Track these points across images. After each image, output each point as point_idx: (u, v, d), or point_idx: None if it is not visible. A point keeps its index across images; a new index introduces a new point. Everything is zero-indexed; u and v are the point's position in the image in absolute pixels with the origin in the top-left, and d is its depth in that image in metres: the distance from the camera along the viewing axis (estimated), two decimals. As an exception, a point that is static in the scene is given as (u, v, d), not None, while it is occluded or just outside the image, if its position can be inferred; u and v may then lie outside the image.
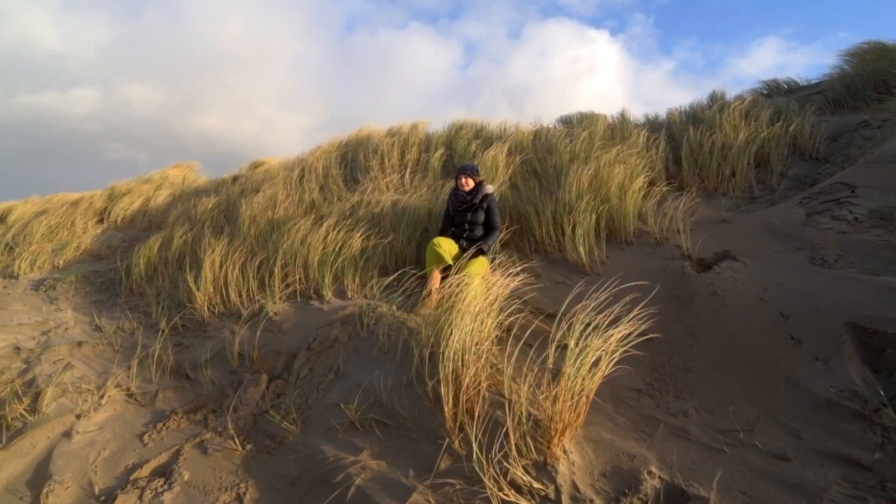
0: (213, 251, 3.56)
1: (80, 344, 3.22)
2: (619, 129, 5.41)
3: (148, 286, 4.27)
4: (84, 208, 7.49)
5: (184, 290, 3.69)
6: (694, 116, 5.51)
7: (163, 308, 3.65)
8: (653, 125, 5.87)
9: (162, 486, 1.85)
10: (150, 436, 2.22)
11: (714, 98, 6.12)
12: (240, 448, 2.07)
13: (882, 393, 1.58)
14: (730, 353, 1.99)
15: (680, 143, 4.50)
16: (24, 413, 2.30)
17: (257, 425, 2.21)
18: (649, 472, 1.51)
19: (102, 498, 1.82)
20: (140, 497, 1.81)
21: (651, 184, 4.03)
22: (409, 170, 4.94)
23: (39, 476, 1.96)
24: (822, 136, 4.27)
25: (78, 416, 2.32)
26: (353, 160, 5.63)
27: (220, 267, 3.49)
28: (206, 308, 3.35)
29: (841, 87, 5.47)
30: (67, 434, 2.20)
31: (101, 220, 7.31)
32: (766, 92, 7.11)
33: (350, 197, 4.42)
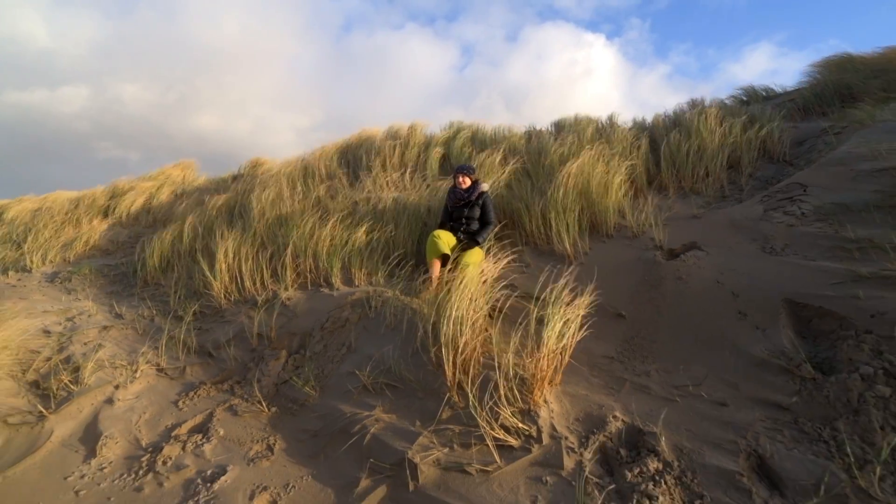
0: (227, 243, 3.84)
1: (106, 328, 3.49)
2: (607, 133, 5.77)
3: (162, 277, 4.53)
4: (87, 205, 7.69)
5: (199, 279, 3.97)
6: (676, 121, 5.89)
7: (180, 296, 3.92)
8: (640, 128, 6.25)
9: (201, 440, 2.15)
10: (183, 402, 2.51)
11: (694, 104, 6.51)
12: (266, 410, 2.37)
13: (803, 353, 1.92)
14: (688, 326, 2.33)
15: (661, 146, 4.87)
16: (68, 384, 2.58)
17: (279, 392, 2.51)
18: (614, 417, 1.84)
19: (150, 449, 2.11)
20: (183, 448, 2.10)
21: (632, 183, 4.39)
22: (408, 169, 5.25)
23: (90, 434, 2.24)
24: (789, 141, 4.65)
25: (116, 387, 2.60)
26: (355, 160, 5.93)
27: (234, 257, 3.78)
28: (222, 295, 3.63)
29: (810, 95, 5.88)
30: (109, 401, 2.48)
31: (105, 217, 7.52)
32: (745, 98, 7.53)
33: (353, 194, 4.72)
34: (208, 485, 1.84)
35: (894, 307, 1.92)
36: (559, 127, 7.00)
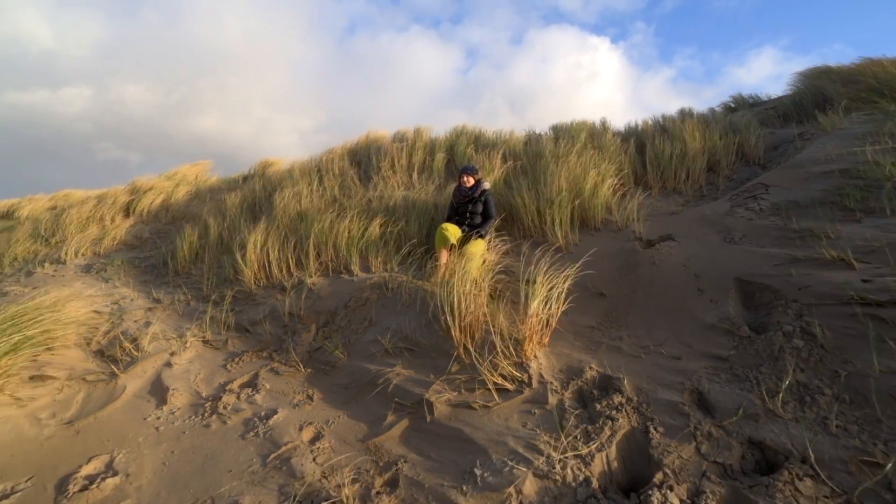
0: (255, 235, 4.29)
1: (150, 309, 3.95)
2: (599, 137, 6.23)
3: (192, 267, 4.98)
4: (110, 203, 8.14)
5: (229, 268, 4.43)
6: (664, 127, 6.35)
7: (211, 284, 4.37)
8: (632, 133, 6.71)
9: (251, 392, 2.59)
10: (230, 366, 2.96)
11: (683, 113, 6.97)
12: (302, 370, 2.82)
13: (744, 319, 2.37)
14: (657, 301, 2.78)
15: (646, 149, 5.32)
16: (130, 351, 3.03)
17: (312, 357, 2.96)
18: (590, 368, 2.29)
19: (210, 399, 2.56)
20: (237, 397, 2.55)
21: (621, 183, 4.84)
22: (416, 170, 5.71)
23: (157, 388, 2.69)
24: (763, 146, 5.12)
25: (171, 354, 3.05)
26: (365, 161, 6.39)
27: (262, 248, 4.23)
28: (252, 282, 4.08)
29: (790, 103, 6.36)
30: (168, 364, 2.93)
31: (126, 215, 7.97)
32: (733, 105, 8.02)
33: (366, 193, 5.18)
34: (264, 421, 2.29)
35: (817, 281, 2.37)
36: (557, 131, 7.46)
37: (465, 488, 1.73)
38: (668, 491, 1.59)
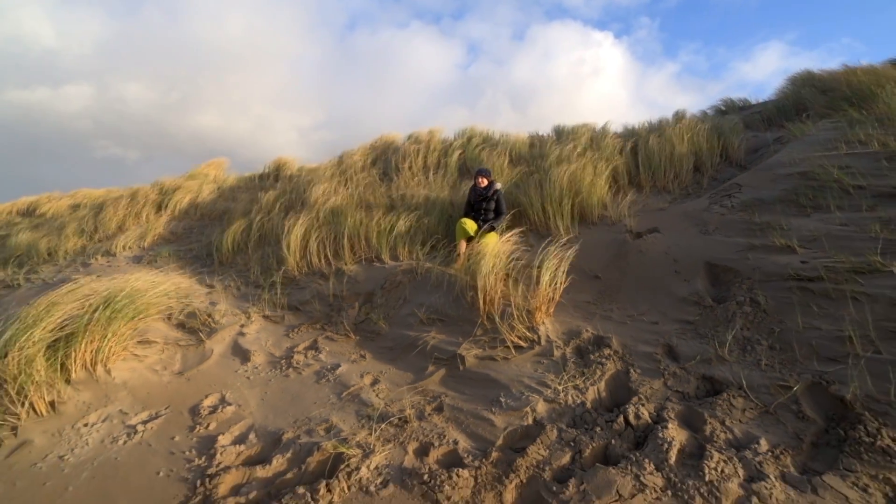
0: (296, 229, 4.92)
1: (209, 292, 4.59)
2: (598, 139, 6.82)
3: (235, 258, 5.62)
4: (142, 202, 8.75)
5: (272, 257, 5.07)
6: (659, 129, 6.94)
7: (257, 272, 5.01)
8: (630, 134, 7.29)
9: (315, 353, 3.24)
10: (291, 335, 3.61)
11: (677, 116, 7.55)
12: (352, 337, 3.47)
13: (709, 293, 3.00)
14: (642, 281, 3.41)
15: (640, 151, 5.92)
16: (209, 323, 3.67)
17: (358, 328, 3.60)
18: (586, 331, 2.93)
19: (283, 358, 3.21)
20: (305, 356, 3.19)
21: (616, 182, 5.45)
22: (432, 171, 6.33)
23: (237, 350, 3.33)
24: (744, 149, 5.72)
25: (242, 325, 3.70)
26: (384, 162, 7.01)
27: (303, 239, 4.86)
28: (295, 269, 4.72)
29: (773, 108, 6.94)
30: (241, 334, 3.57)
31: (158, 212, 8.59)
32: (724, 109, 8.60)
33: (388, 191, 5.80)
34: (332, 372, 2.94)
35: (767, 263, 2.99)
36: (559, 132, 8.07)
37: (493, 410, 2.38)
38: (640, 407, 2.22)
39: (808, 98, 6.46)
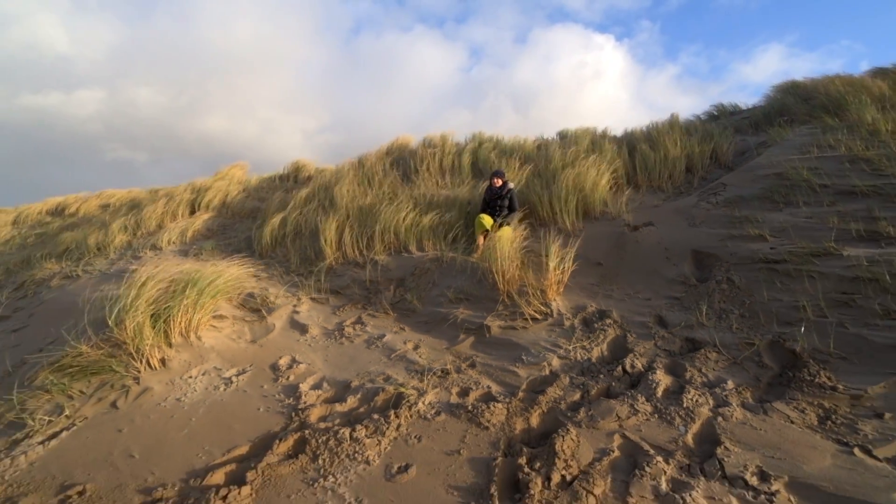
0: (331, 223, 5.52)
1: (258, 279, 5.19)
2: (599, 143, 7.41)
3: (274, 250, 6.22)
4: (177, 202, 9.36)
5: (310, 248, 5.66)
6: (651, 134, 7.52)
7: (296, 262, 5.60)
8: (628, 138, 7.88)
9: (362, 326, 3.83)
10: (338, 313, 4.20)
11: (671, 121, 8.14)
12: (391, 314, 4.06)
13: (693, 275, 3.59)
14: (638, 266, 4.00)
15: (637, 153, 6.51)
16: (267, 303, 4.27)
17: (395, 307, 4.20)
18: (591, 306, 3.52)
19: (335, 330, 3.80)
20: (353, 328, 3.79)
21: (615, 182, 6.04)
22: (447, 172, 6.93)
23: (295, 325, 3.93)
24: (732, 152, 6.30)
25: (295, 305, 4.30)
26: (402, 164, 7.62)
27: (338, 232, 5.46)
28: (332, 259, 5.32)
29: (760, 114, 7.52)
30: (296, 311, 4.17)
31: (192, 211, 9.21)
32: (716, 113, 9.17)
33: (410, 191, 6.40)
34: (379, 340, 3.53)
35: (742, 250, 3.58)
36: (563, 136, 8.66)
37: (517, 365, 2.97)
38: (635, 360, 2.82)
39: (791, 105, 7.04)
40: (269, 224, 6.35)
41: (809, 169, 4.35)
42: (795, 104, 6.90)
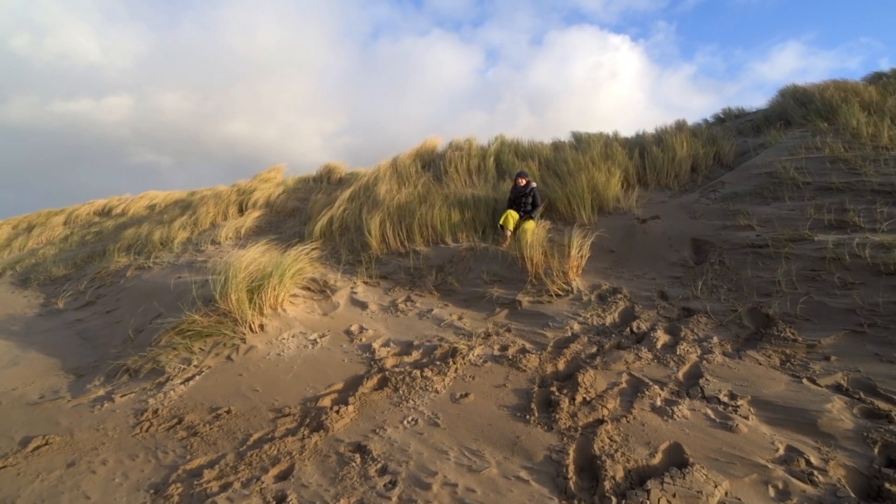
0: (375, 218, 6.31)
1: (314, 266, 6.00)
2: (611, 146, 8.06)
3: (325, 243, 7.03)
4: (226, 202, 10.27)
5: (356, 241, 6.46)
6: (660, 137, 8.14)
7: (345, 253, 6.41)
8: (639, 140, 8.51)
9: (412, 303, 4.60)
10: (389, 293, 4.98)
11: (679, 125, 8.73)
12: (434, 294, 4.82)
13: (692, 258, 4.27)
14: (645, 253, 4.69)
15: (646, 155, 7.16)
16: (331, 286, 5.06)
17: (437, 288, 4.95)
18: (605, 284, 4.23)
19: (389, 306, 4.57)
20: (405, 304, 4.55)
21: (626, 181, 6.70)
22: (473, 173, 7.67)
23: (356, 302, 4.71)
24: (734, 153, 6.90)
25: (351, 288, 5.09)
26: (432, 165, 8.39)
27: (381, 226, 6.25)
28: (377, 249, 6.10)
29: (762, 118, 8.07)
30: (354, 292, 4.96)
31: (240, 210, 10.12)
32: (722, 116, 9.73)
33: (441, 190, 7.16)
34: (429, 313, 4.29)
35: (733, 237, 4.25)
36: (577, 139, 9.33)
37: (545, 329, 3.70)
38: (640, 324, 3.52)
39: (790, 109, 7.58)
40: (319, 220, 7.18)
41: (796, 168, 4.98)
42: (794, 108, 7.44)
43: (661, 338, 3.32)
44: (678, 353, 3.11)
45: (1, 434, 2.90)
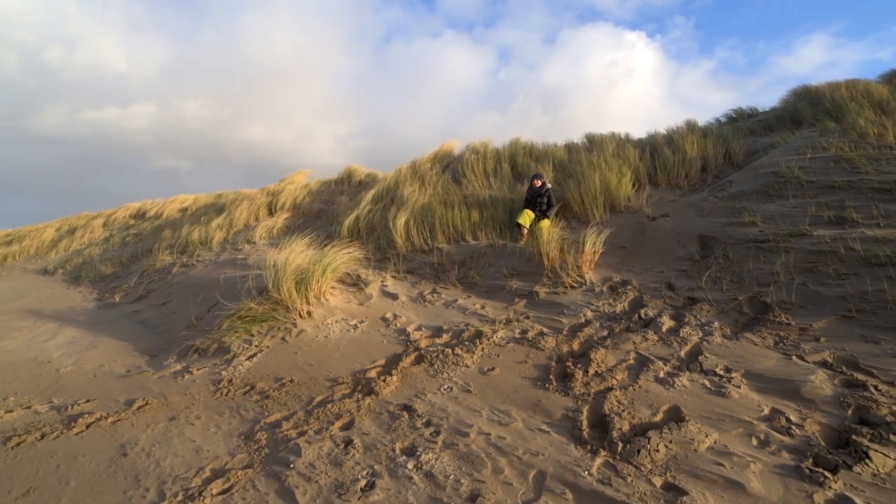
0: (400, 217, 6.80)
1: (351, 261, 6.51)
2: (623, 147, 8.39)
3: (353, 241, 7.55)
4: (258, 204, 10.91)
5: (382, 239, 6.96)
6: (677, 135, 8.42)
7: (372, 249, 6.91)
8: (651, 141, 8.80)
9: (437, 294, 5.06)
10: (416, 286, 5.45)
11: (690, 125, 8.99)
12: (457, 286, 5.27)
13: (698, 253, 4.62)
14: (654, 248, 5.05)
15: (657, 155, 7.48)
16: (363, 279, 5.57)
17: (460, 281, 5.40)
18: (616, 277, 4.61)
19: (418, 297, 5.04)
20: (432, 295, 5.01)
21: (638, 180, 7.03)
22: (490, 175, 8.11)
23: (387, 293, 5.20)
24: (743, 152, 7.17)
25: (382, 281, 5.58)
26: (452, 169, 8.85)
27: (405, 225, 6.73)
28: (403, 247, 6.59)
29: (773, 117, 8.29)
30: (384, 285, 5.45)
31: (269, 212, 10.75)
32: (734, 116, 9.93)
33: (460, 191, 7.62)
34: (454, 303, 4.74)
35: (737, 233, 4.58)
36: (590, 140, 9.67)
37: (560, 316, 4.11)
38: (648, 311, 3.90)
39: (801, 109, 7.79)
40: (346, 220, 7.71)
41: (801, 168, 5.27)
42: (805, 108, 7.66)
43: (667, 323, 3.70)
44: (681, 335, 3.49)
45: (107, 397, 3.47)
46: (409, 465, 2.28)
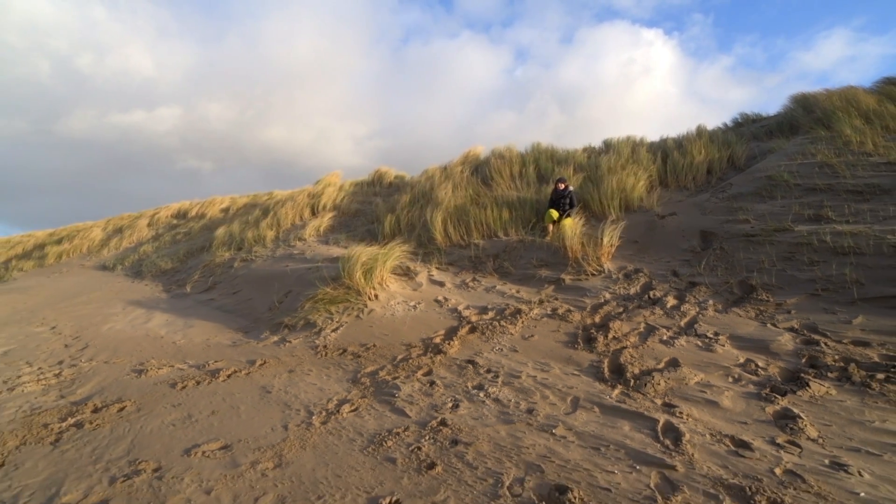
0: (437, 216, 7.77)
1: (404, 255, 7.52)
2: (637, 151, 9.22)
3: (394, 237, 8.56)
4: (301, 205, 11.99)
5: (423, 235, 7.95)
6: (686, 140, 9.21)
7: (413, 244, 7.90)
8: (663, 144, 9.61)
9: (477, 282, 6.02)
10: (458, 276, 6.42)
11: (699, 131, 9.76)
12: (494, 275, 6.23)
13: (699, 246, 5.50)
14: (662, 242, 5.93)
15: (668, 159, 8.30)
16: (413, 270, 6.56)
17: (495, 271, 6.36)
18: (629, 266, 5.51)
19: (461, 283, 6.01)
20: (473, 283, 5.98)
21: (650, 183, 7.88)
22: (516, 178, 9.03)
23: (433, 282, 6.18)
24: (745, 157, 7.96)
25: (428, 272, 6.56)
26: (480, 172, 9.80)
27: (442, 224, 7.70)
28: (442, 243, 7.56)
29: (774, 123, 9.02)
30: (431, 275, 6.43)
31: (312, 211, 11.83)
32: (740, 121, 10.64)
33: (490, 193, 8.56)
34: (493, 288, 5.70)
35: (733, 229, 5.44)
36: (607, 144, 10.51)
37: (584, 297, 5.04)
38: (655, 292, 4.81)
39: (799, 116, 8.50)
40: (387, 220, 8.73)
41: (790, 172, 6.08)
42: (802, 115, 8.38)
43: (671, 301, 4.60)
44: (682, 310, 4.40)
45: (230, 359, 4.54)
46: (481, 395, 3.26)
